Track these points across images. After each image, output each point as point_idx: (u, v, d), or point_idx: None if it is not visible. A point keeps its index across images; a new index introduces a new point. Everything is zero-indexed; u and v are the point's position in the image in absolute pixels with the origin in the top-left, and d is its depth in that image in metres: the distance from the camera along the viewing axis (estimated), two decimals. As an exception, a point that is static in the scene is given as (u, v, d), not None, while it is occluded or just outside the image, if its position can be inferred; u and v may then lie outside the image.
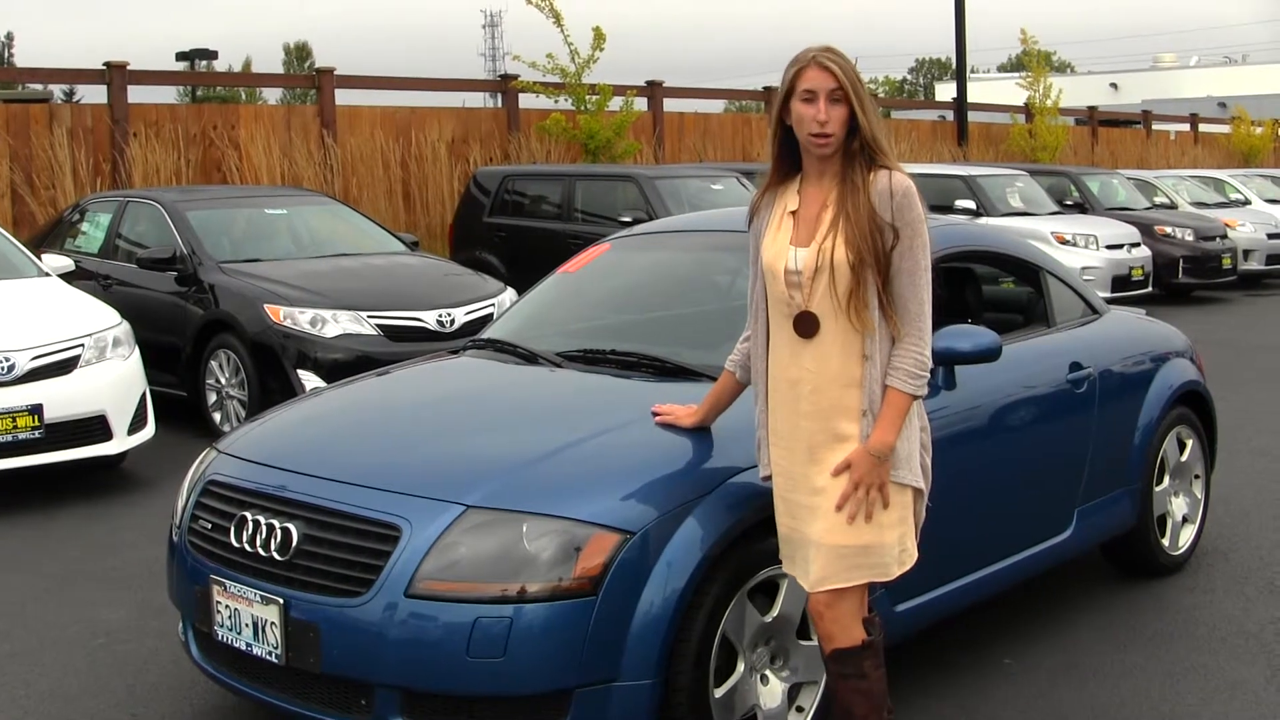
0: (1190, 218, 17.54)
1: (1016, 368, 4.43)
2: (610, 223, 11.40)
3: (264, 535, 3.46)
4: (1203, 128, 33.03)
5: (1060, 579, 5.19)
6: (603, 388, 4.02)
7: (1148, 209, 17.92)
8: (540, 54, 16.32)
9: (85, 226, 9.87)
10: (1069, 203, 17.22)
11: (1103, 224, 15.89)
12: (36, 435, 6.57)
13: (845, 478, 3.06)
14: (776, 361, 3.19)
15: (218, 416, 8.29)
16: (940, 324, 3.55)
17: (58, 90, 30.58)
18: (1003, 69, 67.69)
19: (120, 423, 6.91)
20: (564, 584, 3.13)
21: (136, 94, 13.55)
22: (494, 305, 8.57)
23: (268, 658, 3.41)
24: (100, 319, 7.15)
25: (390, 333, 8.08)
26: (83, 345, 6.85)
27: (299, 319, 7.99)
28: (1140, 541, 5.15)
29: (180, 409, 8.56)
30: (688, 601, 3.24)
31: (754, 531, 3.36)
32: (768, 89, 20.98)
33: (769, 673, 3.53)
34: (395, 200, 15.13)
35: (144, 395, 7.17)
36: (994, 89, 39.22)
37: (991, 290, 5.33)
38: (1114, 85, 52.57)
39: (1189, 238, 16.71)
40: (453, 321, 8.29)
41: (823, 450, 3.10)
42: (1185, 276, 16.54)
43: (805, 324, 3.10)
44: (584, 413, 3.84)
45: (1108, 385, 4.88)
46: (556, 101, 16.71)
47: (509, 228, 12.72)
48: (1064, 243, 14.92)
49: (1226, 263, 16.88)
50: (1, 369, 6.50)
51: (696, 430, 3.54)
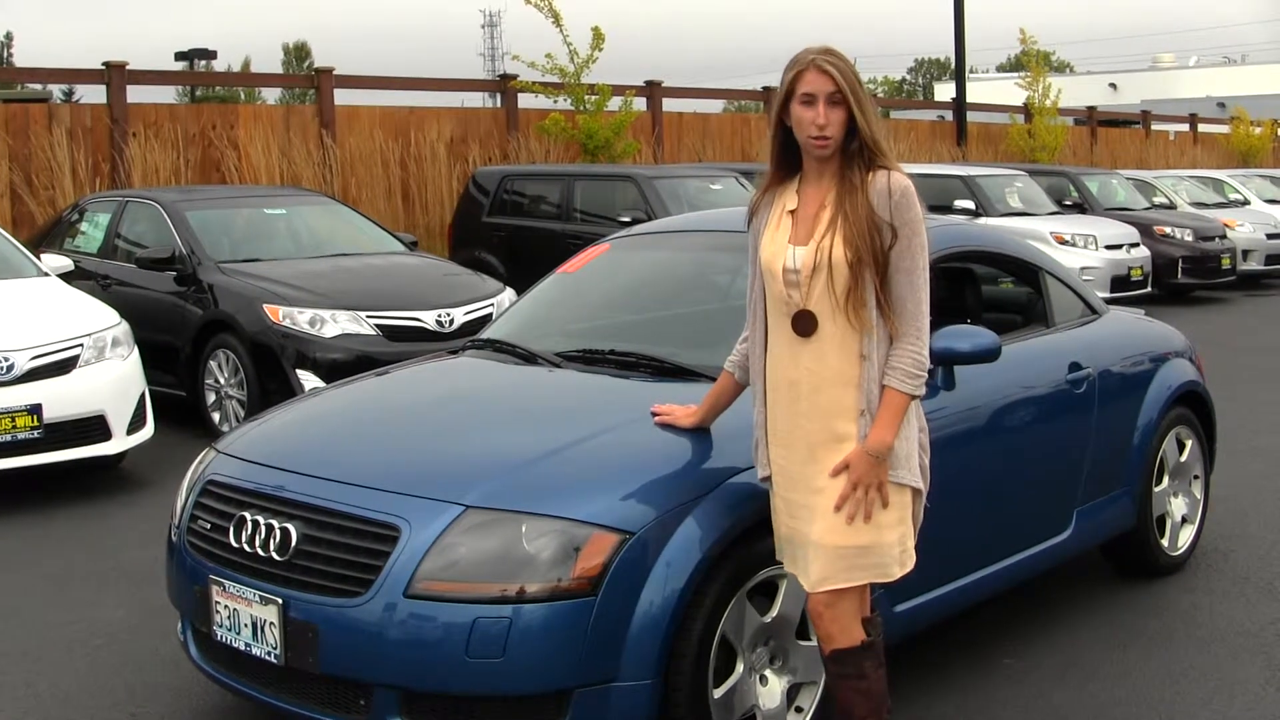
0: (1189, 218, 17.54)
1: (1016, 368, 4.43)
2: (609, 223, 11.40)
3: (263, 535, 3.46)
4: (1202, 128, 33.02)
5: (1060, 579, 5.19)
6: (602, 388, 4.01)
7: (1147, 209, 17.93)
8: (539, 54, 16.34)
9: (84, 226, 9.86)
10: (1068, 203, 17.22)
11: (1102, 224, 15.89)
12: (35, 435, 6.56)
13: (844, 478, 3.06)
14: (775, 361, 3.19)
15: (217, 416, 8.28)
16: (939, 324, 3.56)
17: (57, 90, 30.57)
18: (1002, 69, 67.68)
19: (119, 423, 6.91)
20: (563, 584, 3.13)
21: (135, 94, 13.56)
22: (493, 305, 8.57)
23: (267, 658, 3.41)
24: (99, 319, 7.15)
25: (389, 333, 8.08)
26: (82, 345, 6.85)
27: (298, 319, 7.99)
28: (1139, 542, 5.15)
29: (179, 409, 8.56)
30: (687, 602, 3.23)
31: (753, 532, 3.36)
32: (767, 89, 20.98)
33: (768, 673, 3.53)
34: (394, 200, 15.12)
35: (143, 395, 7.17)
36: (993, 89, 39.22)
37: (990, 290, 5.33)
38: (1113, 85, 52.57)
39: (1188, 238, 16.71)
40: (452, 321, 8.29)
41: (822, 450, 3.10)
42: (1184, 277, 16.54)
43: (803, 323, 3.10)
44: (583, 413, 3.83)
45: (1107, 385, 4.88)
46: (555, 101, 16.70)
47: (508, 228, 12.72)
48: (1063, 243, 14.93)
49: (1226, 263, 16.88)
50: (0, 369, 6.49)
51: (696, 430, 3.54)
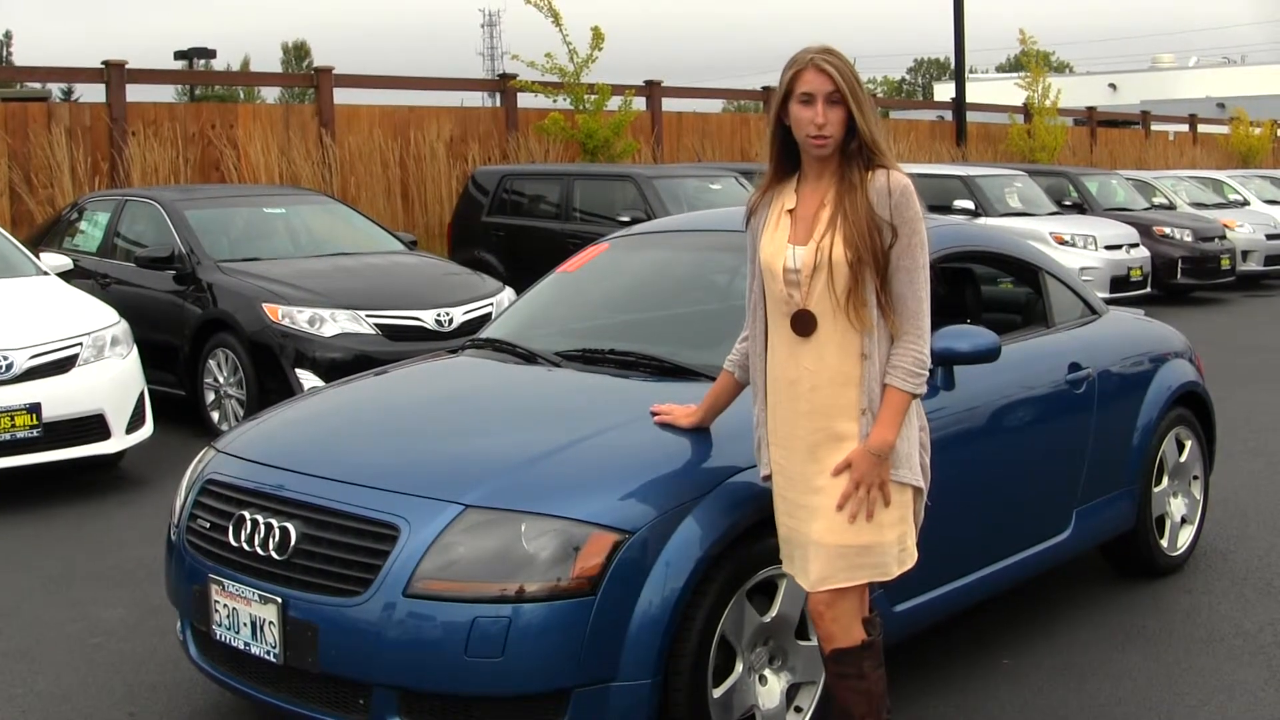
0: (1189, 218, 17.53)
1: (1015, 368, 4.43)
2: (609, 222, 11.39)
3: (262, 534, 3.46)
4: (1201, 128, 33.02)
5: (1059, 579, 5.19)
6: (601, 387, 4.01)
7: (1146, 209, 17.93)
8: (539, 53, 16.35)
9: (84, 225, 9.86)
10: (1068, 203, 17.23)
11: (1101, 224, 15.89)
12: (34, 434, 6.56)
13: (845, 477, 3.06)
14: (775, 361, 3.19)
15: (216, 415, 8.28)
16: (939, 324, 3.55)
17: (56, 89, 30.58)
18: (1001, 69, 67.71)
19: (118, 422, 6.90)
20: (562, 584, 3.13)
21: (135, 93, 13.55)
22: (492, 305, 8.57)
23: (266, 657, 3.41)
24: (98, 318, 7.15)
25: (389, 332, 8.07)
26: (81, 344, 6.84)
27: (297, 318, 7.99)
28: (1139, 542, 5.15)
29: (178, 408, 8.55)
30: (686, 601, 3.23)
31: (753, 532, 3.36)
32: (766, 89, 20.97)
33: (767, 673, 3.53)
34: (394, 199, 15.12)
35: (142, 394, 7.17)
36: (992, 89, 39.22)
37: (990, 291, 5.33)
38: (1113, 86, 52.55)
39: (1188, 238, 16.71)
40: (451, 321, 8.29)
41: (822, 449, 3.10)
42: (1184, 277, 16.54)
43: (803, 322, 3.10)
44: (583, 412, 3.83)
45: (1106, 386, 4.87)
46: (555, 101, 16.70)
47: (507, 227, 12.71)
48: (1063, 243, 14.93)
49: (1225, 263, 16.89)
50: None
51: (695, 430, 3.54)
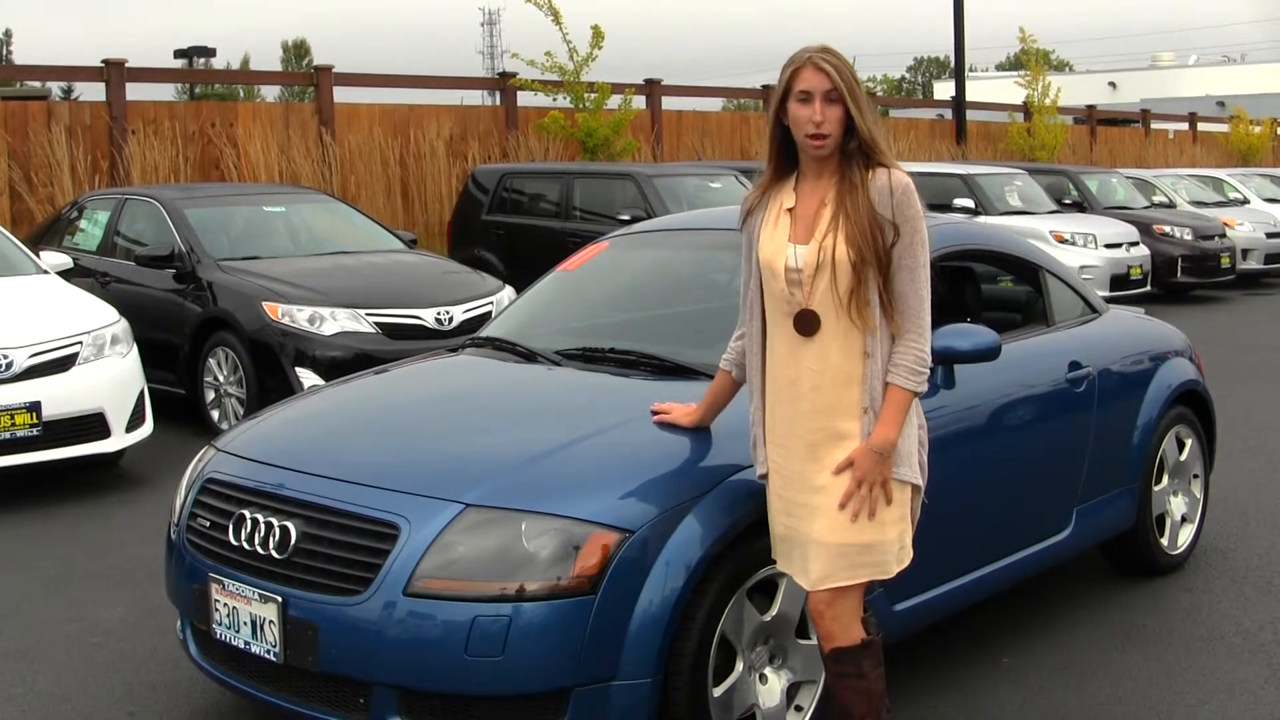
0: (1189, 217, 17.54)
1: (1015, 367, 4.43)
2: (609, 221, 11.39)
3: (262, 533, 3.46)
4: (1201, 127, 33.00)
5: (1059, 578, 5.19)
6: (601, 386, 4.01)
7: (1146, 208, 17.92)
8: (539, 52, 16.34)
9: (84, 224, 9.86)
10: (1067, 201, 17.22)
11: (1101, 223, 15.89)
12: (34, 433, 6.56)
13: (846, 476, 3.06)
14: (774, 359, 3.18)
15: (216, 414, 8.28)
16: (939, 323, 3.55)
17: (56, 88, 30.59)
18: (1001, 68, 67.66)
19: (118, 420, 6.90)
20: (562, 583, 3.13)
21: (134, 91, 13.54)
22: (492, 303, 8.57)
23: (266, 656, 3.41)
24: (98, 316, 7.15)
25: (389, 330, 8.07)
26: (81, 343, 6.84)
27: (297, 317, 7.99)
28: (1139, 541, 5.15)
29: (178, 407, 8.55)
30: (686, 600, 3.23)
31: (753, 530, 3.35)
32: (766, 87, 20.97)
33: (768, 672, 3.53)
34: (393, 198, 15.11)
35: (142, 393, 7.17)
36: (992, 88, 39.20)
37: (990, 289, 5.33)
38: (1112, 84, 52.52)
39: (1188, 237, 16.71)
40: (451, 319, 8.29)
41: (823, 448, 3.10)
42: (1184, 275, 16.54)
43: (806, 322, 3.09)
44: (583, 411, 3.83)
45: (1107, 384, 4.87)
46: (555, 99, 16.69)
47: (507, 226, 12.71)
48: (1063, 241, 14.93)
49: (1225, 262, 16.88)
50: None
51: (695, 429, 3.54)
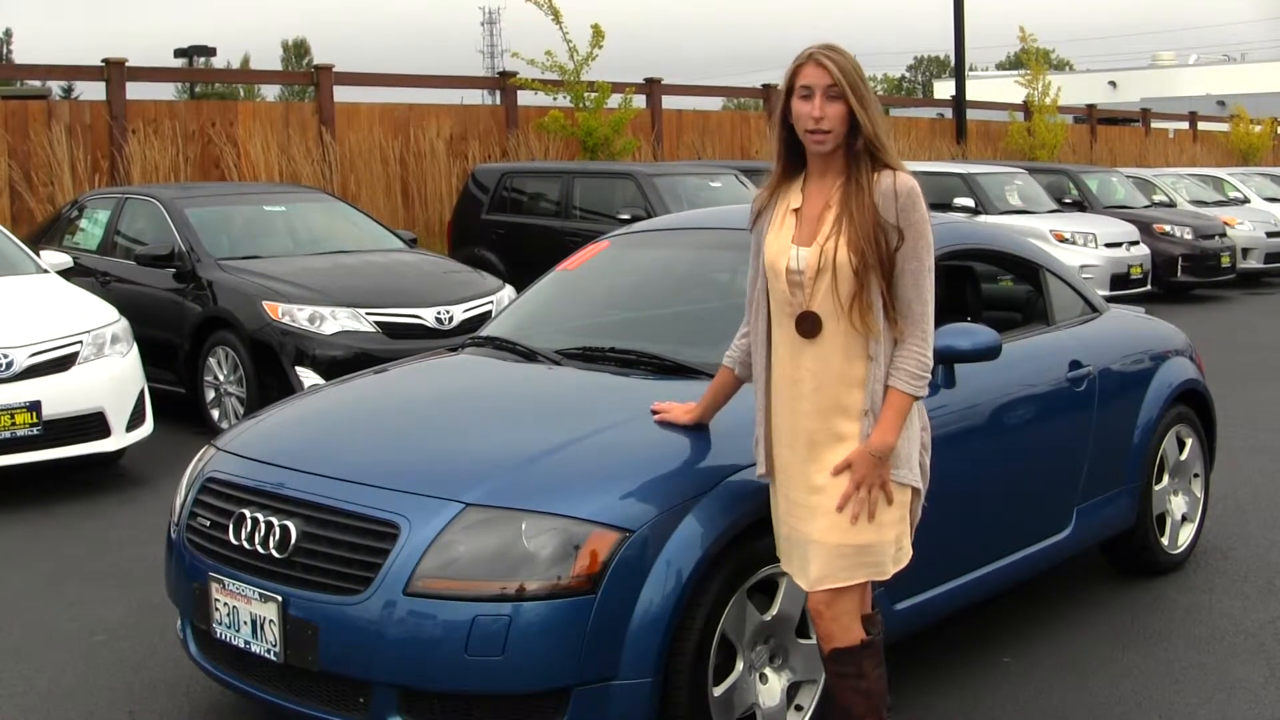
0: (1189, 216, 17.54)
1: (1016, 366, 4.43)
2: (609, 220, 11.39)
3: (262, 533, 3.46)
4: (1201, 126, 33.00)
5: (1060, 578, 5.19)
6: (602, 385, 4.01)
7: (1146, 207, 17.92)
8: (539, 51, 16.33)
9: (84, 223, 9.86)
10: (1068, 201, 17.22)
11: (1101, 222, 15.89)
12: (34, 432, 6.56)
13: (845, 477, 3.06)
14: (778, 360, 3.18)
15: (216, 414, 8.28)
16: (940, 322, 3.54)
17: (56, 87, 30.55)
18: (1001, 67, 67.67)
19: (118, 420, 6.90)
20: (563, 582, 3.13)
21: (135, 90, 13.54)
22: (492, 302, 8.56)
23: (266, 655, 3.41)
24: (98, 316, 7.14)
25: (389, 330, 8.07)
26: (81, 342, 6.84)
27: (297, 316, 7.98)
28: (1139, 540, 5.15)
29: (179, 406, 8.55)
30: (687, 600, 3.23)
31: (753, 530, 3.36)
32: (766, 86, 20.97)
33: (768, 671, 3.53)
34: (394, 197, 15.11)
35: (142, 392, 7.17)
36: (992, 87, 39.21)
37: (991, 288, 5.32)
38: (1112, 83, 52.54)
39: (1188, 236, 16.70)
40: (451, 319, 8.29)
41: (823, 449, 3.09)
42: (1184, 275, 16.54)
43: (807, 324, 3.09)
44: (583, 411, 3.83)
45: (1107, 384, 4.87)
46: (555, 99, 16.68)
47: (507, 225, 12.71)
48: (1063, 241, 14.92)
49: (1225, 261, 16.88)
50: (0, 365, 6.50)
51: (695, 428, 3.53)
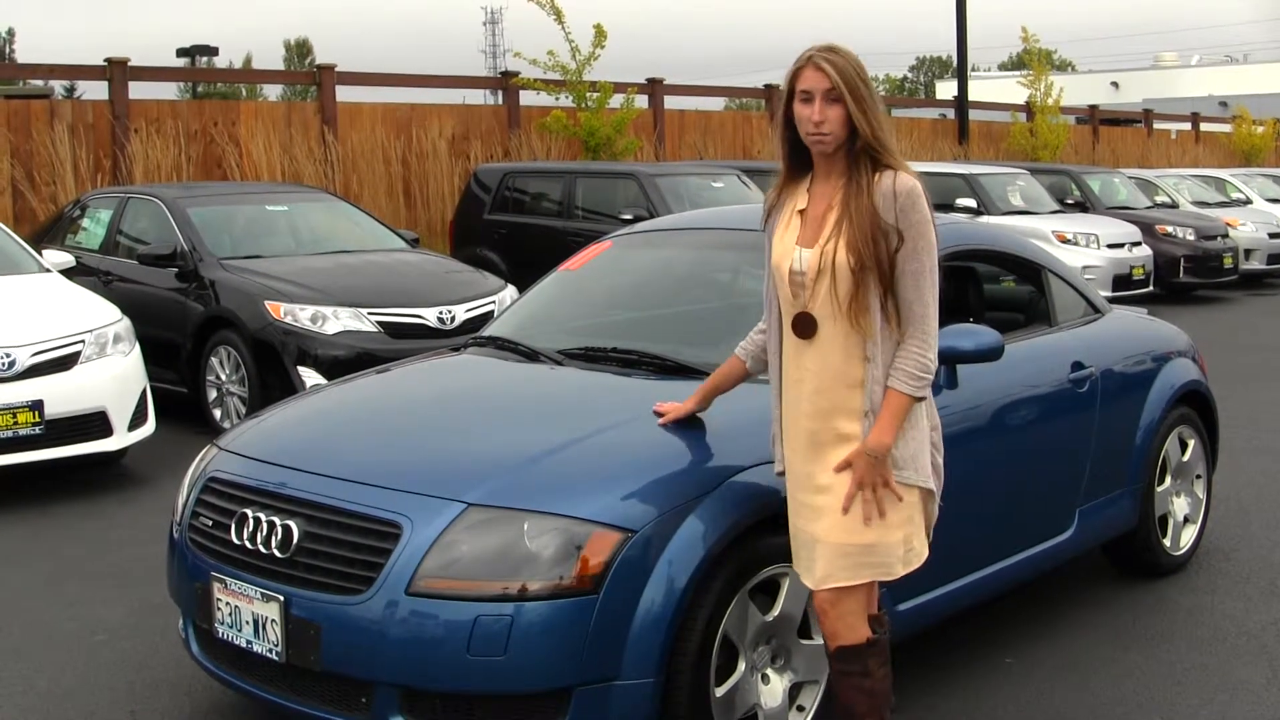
0: (1191, 217, 17.53)
1: (1018, 367, 4.42)
2: (611, 220, 11.39)
3: (265, 532, 3.46)
4: (1204, 127, 32.99)
5: (1062, 579, 5.18)
6: (604, 386, 4.01)
7: (1149, 208, 17.92)
8: (541, 51, 16.35)
9: (86, 222, 9.86)
10: (1070, 201, 17.21)
11: (1104, 223, 15.89)
12: (37, 431, 6.56)
13: (848, 477, 3.06)
14: (785, 359, 3.19)
15: (218, 413, 8.28)
16: (942, 323, 3.54)
17: (59, 86, 30.60)
18: (1004, 67, 67.69)
19: (120, 419, 6.91)
20: (565, 582, 3.13)
21: (137, 90, 13.55)
22: (494, 302, 8.56)
23: (268, 655, 3.41)
24: (101, 315, 7.15)
25: (391, 330, 8.07)
26: (83, 341, 6.84)
27: (299, 316, 7.98)
28: (1141, 541, 5.14)
29: (181, 405, 8.55)
30: (689, 600, 3.23)
31: (755, 530, 3.36)
32: (768, 86, 20.96)
33: (770, 672, 3.53)
34: (396, 197, 15.12)
35: (144, 392, 7.17)
36: (995, 87, 39.18)
37: (993, 289, 5.32)
38: (1115, 84, 52.55)
39: (1190, 237, 16.70)
40: (453, 319, 8.29)
41: (826, 449, 3.09)
42: (1186, 276, 16.53)
43: (803, 325, 3.09)
44: (585, 411, 3.83)
45: (1109, 385, 4.87)
46: (557, 99, 16.69)
47: (510, 225, 12.71)
48: (1065, 242, 14.92)
49: (1228, 262, 16.88)
50: (2, 365, 6.49)
51: (698, 429, 3.54)
